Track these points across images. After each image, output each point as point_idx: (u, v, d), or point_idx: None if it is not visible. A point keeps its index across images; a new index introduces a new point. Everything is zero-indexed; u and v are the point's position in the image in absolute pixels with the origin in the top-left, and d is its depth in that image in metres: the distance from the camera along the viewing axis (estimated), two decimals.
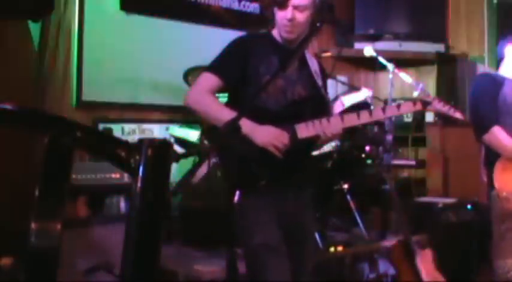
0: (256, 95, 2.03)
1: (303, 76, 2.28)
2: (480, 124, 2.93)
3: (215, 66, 2.23)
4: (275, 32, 2.29)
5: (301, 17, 2.17)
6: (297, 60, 2.26)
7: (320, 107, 2.29)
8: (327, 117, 2.17)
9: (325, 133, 2.14)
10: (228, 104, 2.25)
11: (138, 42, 4.07)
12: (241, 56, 2.20)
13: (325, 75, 2.44)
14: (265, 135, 2.09)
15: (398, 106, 2.29)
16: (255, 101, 2.04)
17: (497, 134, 2.86)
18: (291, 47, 2.26)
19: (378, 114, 2.25)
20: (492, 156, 2.90)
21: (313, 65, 2.35)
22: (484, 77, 3.16)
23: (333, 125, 2.14)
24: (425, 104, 2.29)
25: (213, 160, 2.13)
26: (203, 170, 1.89)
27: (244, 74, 2.17)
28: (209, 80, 2.20)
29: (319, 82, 2.33)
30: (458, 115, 2.41)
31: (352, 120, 2.19)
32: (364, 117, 2.21)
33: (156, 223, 1.14)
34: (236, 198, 1.93)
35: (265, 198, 2.13)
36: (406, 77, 3.74)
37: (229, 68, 2.20)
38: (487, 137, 2.88)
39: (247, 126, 2.04)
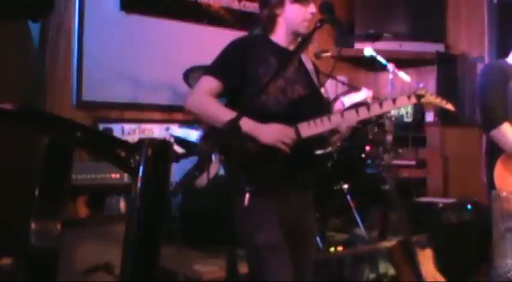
0: (257, 95, 2.03)
1: (301, 75, 2.29)
2: (489, 119, 2.87)
3: (214, 69, 2.22)
4: (274, 35, 2.28)
5: (315, 10, 2.21)
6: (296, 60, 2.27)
7: (319, 105, 2.30)
8: (328, 116, 2.17)
9: (329, 130, 2.16)
10: (227, 106, 2.25)
11: (138, 42, 4.07)
12: (240, 57, 2.20)
13: (319, 75, 2.45)
14: (272, 133, 2.09)
15: (394, 100, 2.31)
16: (256, 102, 2.04)
17: (506, 132, 2.82)
18: (289, 48, 2.26)
19: (376, 110, 2.27)
20: (493, 155, 2.89)
21: (309, 64, 2.36)
22: (492, 67, 3.05)
23: (334, 122, 2.15)
24: (419, 97, 2.33)
25: (214, 162, 2.12)
26: (204, 178, 1.89)
27: (244, 76, 2.17)
28: (209, 82, 2.20)
29: (316, 81, 2.35)
30: (449, 106, 2.46)
31: (351, 116, 2.20)
32: (363, 113, 2.23)
33: (156, 223, 1.14)
34: (246, 201, 1.94)
35: (268, 198, 2.13)
36: (405, 76, 3.75)
37: (228, 70, 2.19)
38: (495, 133, 2.84)
39: (250, 125, 2.05)
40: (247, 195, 1.97)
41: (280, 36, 2.28)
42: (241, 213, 2.11)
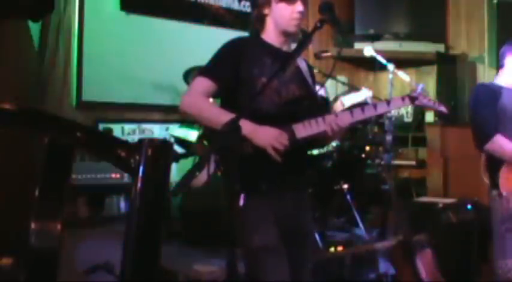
0: (254, 96, 2.02)
1: (295, 76, 2.28)
2: (482, 133, 2.94)
3: (208, 70, 2.22)
4: (266, 35, 2.28)
5: (305, 8, 2.20)
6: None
7: (314, 106, 2.29)
8: (322, 117, 2.17)
9: (324, 131, 2.14)
10: (222, 107, 2.24)
11: (138, 42, 4.07)
12: (234, 58, 2.19)
13: (313, 74, 2.45)
14: (265, 137, 2.08)
15: (388, 102, 2.31)
16: (252, 102, 2.03)
17: (500, 142, 2.87)
18: (282, 49, 2.26)
19: (370, 112, 2.26)
20: (495, 161, 2.91)
21: (303, 64, 2.36)
22: (481, 88, 3.17)
23: (328, 123, 2.15)
24: (413, 99, 2.33)
25: (213, 163, 2.12)
26: (204, 176, 1.89)
27: (238, 76, 2.17)
28: (203, 83, 2.19)
29: (310, 81, 2.34)
30: (442, 109, 2.47)
31: (346, 118, 2.20)
32: (357, 115, 2.22)
33: (156, 223, 1.14)
34: (241, 201, 1.93)
35: (264, 199, 2.12)
36: (404, 76, 3.75)
37: (222, 71, 2.19)
38: (489, 146, 2.89)
39: (247, 126, 2.04)
40: (242, 196, 1.97)
41: (271, 36, 2.27)
42: (237, 214, 2.10)
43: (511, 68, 3.02)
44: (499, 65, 3.12)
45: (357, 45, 5.05)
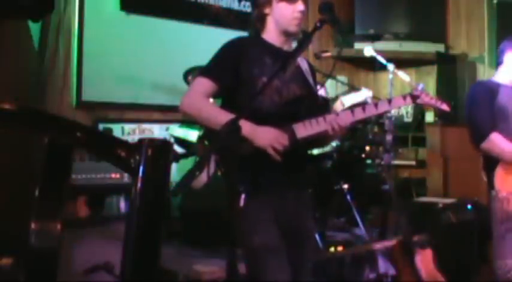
0: (255, 96, 2.02)
1: (296, 75, 2.28)
2: (478, 132, 2.93)
3: (208, 70, 2.22)
4: (266, 35, 2.28)
5: (305, 8, 2.20)
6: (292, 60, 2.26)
7: (314, 105, 2.29)
8: (323, 116, 2.16)
9: (325, 131, 2.14)
10: (222, 108, 2.24)
11: (138, 42, 4.07)
12: (234, 58, 2.19)
13: (314, 74, 2.44)
14: (265, 137, 2.08)
15: (390, 101, 2.30)
16: (252, 102, 2.03)
17: (496, 141, 2.86)
18: (283, 49, 2.26)
19: (371, 110, 2.26)
20: (492, 160, 2.91)
21: (303, 64, 2.35)
22: (478, 86, 3.16)
23: (329, 123, 2.14)
24: (415, 97, 2.32)
25: (213, 163, 2.12)
26: (204, 177, 1.89)
27: (239, 77, 2.16)
28: (203, 84, 2.19)
29: (311, 81, 2.34)
30: (444, 107, 2.46)
31: (347, 117, 2.19)
32: (359, 114, 2.21)
33: (156, 223, 1.14)
34: (242, 202, 1.93)
35: (264, 199, 2.13)
36: (404, 75, 3.75)
37: (222, 71, 2.19)
38: (486, 145, 2.88)
39: (246, 127, 2.04)
40: (243, 196, 1.97)
41: (272, 36, 2.27)
42: (237, 214, 2.10)
43: (509, 64, 3.01)
44: (498, 62, 3.10)
45: (357, 45, 5.05)
